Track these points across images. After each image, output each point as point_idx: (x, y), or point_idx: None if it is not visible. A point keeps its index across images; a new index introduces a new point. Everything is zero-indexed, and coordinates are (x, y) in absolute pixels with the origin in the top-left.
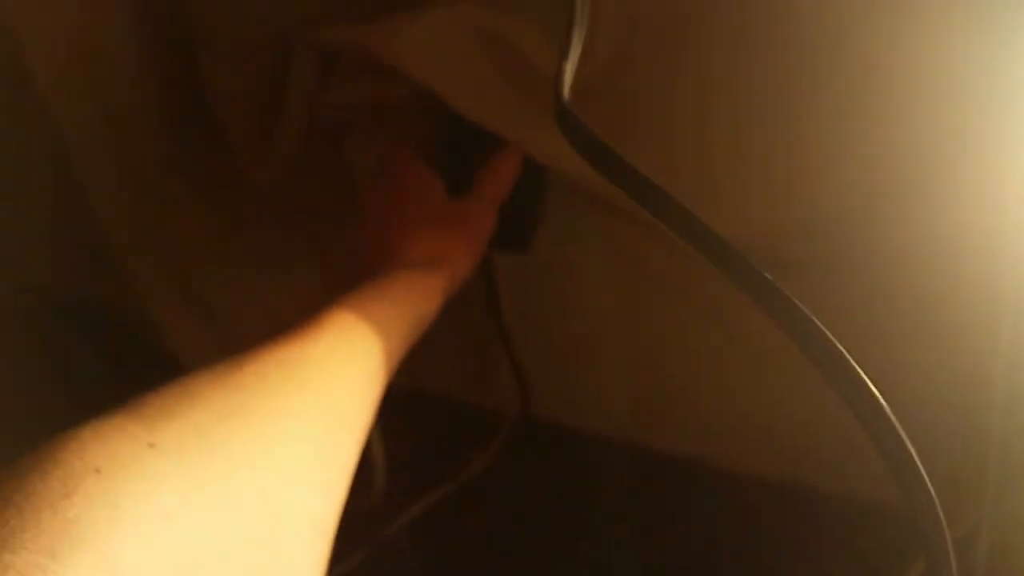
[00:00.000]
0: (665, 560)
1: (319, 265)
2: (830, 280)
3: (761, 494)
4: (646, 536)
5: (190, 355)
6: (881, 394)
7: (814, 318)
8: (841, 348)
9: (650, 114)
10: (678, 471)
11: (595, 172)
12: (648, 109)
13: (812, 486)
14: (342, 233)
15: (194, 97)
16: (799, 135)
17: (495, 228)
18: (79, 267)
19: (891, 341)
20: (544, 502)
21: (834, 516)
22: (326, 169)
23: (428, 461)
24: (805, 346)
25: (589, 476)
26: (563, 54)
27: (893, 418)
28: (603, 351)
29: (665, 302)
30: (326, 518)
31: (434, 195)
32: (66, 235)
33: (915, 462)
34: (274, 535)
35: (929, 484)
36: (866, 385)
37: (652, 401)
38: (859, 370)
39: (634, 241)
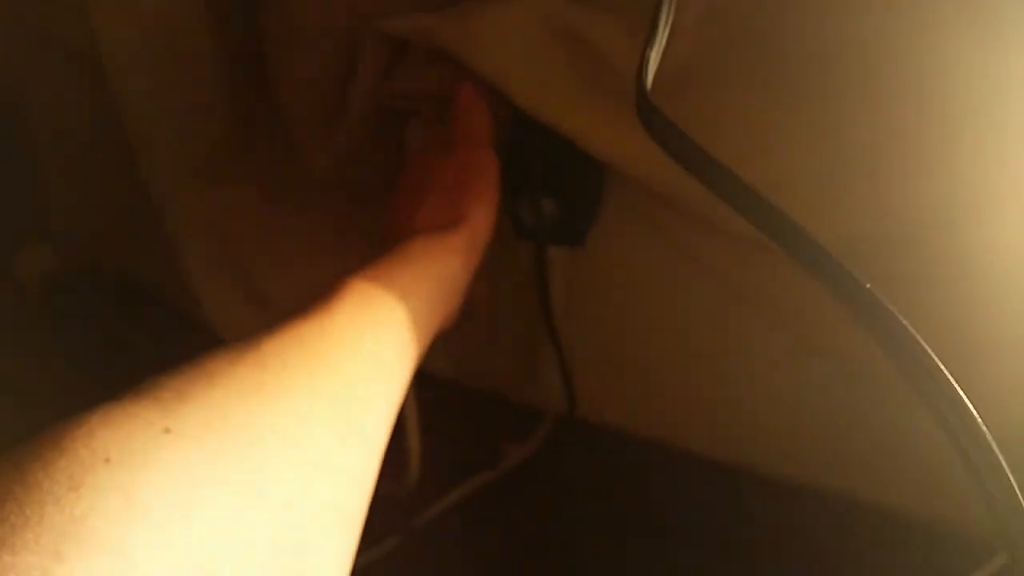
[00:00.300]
0: (695, 564)
1: (370, 252)
2: (915, 290)
3: (811, 505)
4: (678, 541)
5: (237, 337)
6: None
7: (909, 326)
8: (935, 358)
9: (723, 112)
10: (721, 478)
11: (673, 163)
12: (722, 107)
13: (857, 496)
14: None
15: (257, 81)
16: (877, 143)
17: (549, 221)
18: (129, 243)
19: (973, 352)
20: (579, 500)
21: (873, 526)
22: (384, 157)
23: (465, 453)
24: (898, 358)
25: (627, 477)
26: (648, 42)
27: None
28: (654, 351)
29: (724, 303)
30: (353, 507)
31: (433, 162)
32: (118, 211)
33: (1008, 479)
34: (299, 525)
35: None
36: (960, 397)
37: (702, 405)
38: (952, 380)
39: (694, 240)
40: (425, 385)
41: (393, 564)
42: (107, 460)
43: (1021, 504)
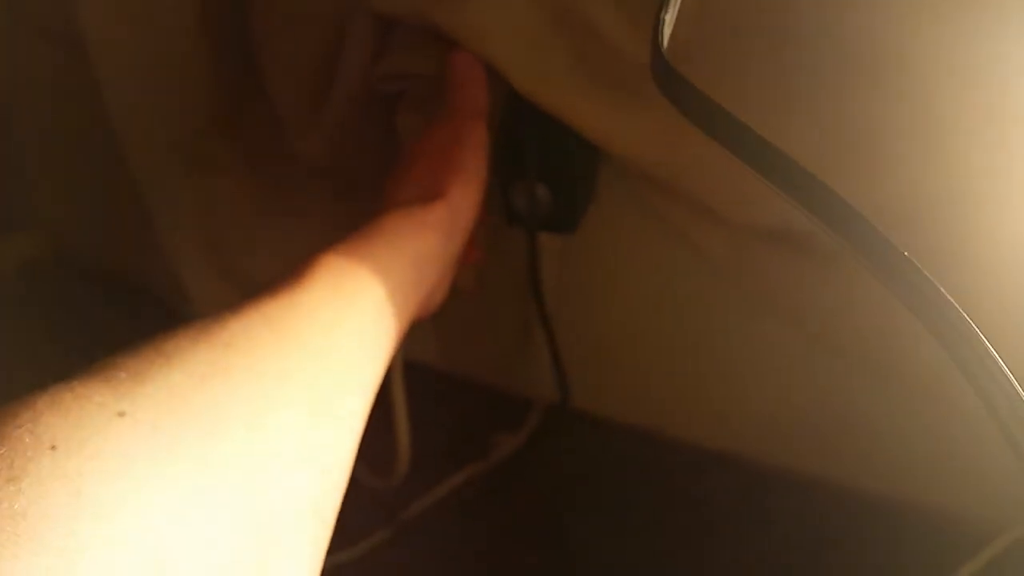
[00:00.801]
0: (687, 553)
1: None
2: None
3: (803, 494)
4: (670, 531)
5: None
6: None
7: (940, 287)
8: (973, 325)
9: (727, 90)
10: (712, 467)
11: (675, 146)
12: (726, 84)
13: (852, 484)
14: None
15: (243, 63)
16: (880, 125)
17: (542, 208)
18: (116, 231)
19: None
20: (570, 491)
21: (867, 513)
22: (376, 143)
23: (454, 445)
24: (929, 320)
25: (617, 468)
26: (663, 5)
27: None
28: (647, 340)
29: (721, 290)
30: (324, 499)
31: (423, 137)
32: (104, 198)
33: None
34: (264, 518)
35: None
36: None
37: (694, 394)
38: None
39: (690, 228)
40: (414, 376)
41: (383, 557)
42: (53, 447)
43: None
